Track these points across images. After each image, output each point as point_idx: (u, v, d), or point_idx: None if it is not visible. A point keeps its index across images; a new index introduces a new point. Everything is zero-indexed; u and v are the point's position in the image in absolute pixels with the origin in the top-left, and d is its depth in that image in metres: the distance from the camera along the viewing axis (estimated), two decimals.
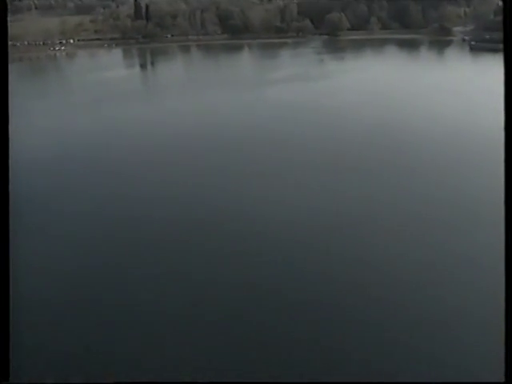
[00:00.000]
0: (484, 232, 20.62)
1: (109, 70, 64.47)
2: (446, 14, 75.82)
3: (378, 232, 21.51)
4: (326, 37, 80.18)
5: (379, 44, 73.32)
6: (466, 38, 69.76)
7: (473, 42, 68.00)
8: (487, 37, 66.74)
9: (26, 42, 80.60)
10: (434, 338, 15.58)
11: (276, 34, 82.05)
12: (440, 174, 27.03)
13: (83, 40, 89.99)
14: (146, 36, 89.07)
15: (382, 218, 22.75)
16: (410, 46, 73.59)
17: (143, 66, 75.11)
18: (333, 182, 26.65)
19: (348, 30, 79.54)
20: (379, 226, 22.05)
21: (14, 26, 68.90)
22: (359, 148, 31.70)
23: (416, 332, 15.70)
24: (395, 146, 31.72)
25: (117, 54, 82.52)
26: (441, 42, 70.79)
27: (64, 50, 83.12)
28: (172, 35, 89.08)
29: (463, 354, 15.02)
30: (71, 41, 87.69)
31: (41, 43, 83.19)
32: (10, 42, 7.71)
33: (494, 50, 62.20)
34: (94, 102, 45.94)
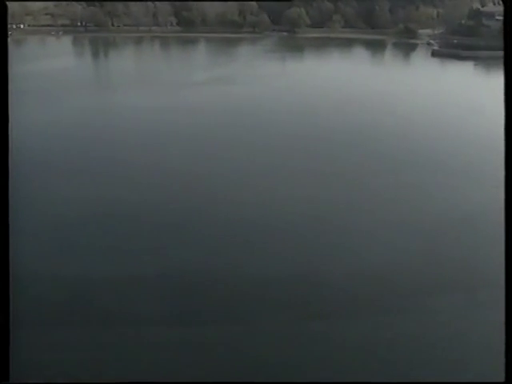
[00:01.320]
0: None
1: (39, 61, 60.54)
2: (416, 14, 71.66)
3: None
4: (283, 34, 76.82)
5: (336, 44, 70.37)
6: (432, 41, 66.05)
7: (435, 47, 64.05)
8: (454, 41, 63.15)
9: None
10: None
11: (230, 28, 78.45)
12: None
13: (33, 26, 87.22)
14: (97, 24, 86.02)
15: None
16: (367, 47, 69.37)
17: (82, 58, 72.24)
18: None
19: (309, 27, 75.76)
20: None
21: None
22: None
23: None
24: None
25: (60, 42, 79.94)
26: (403, 45, 67.40)
27: (11, 35, 79.76)
28: (124, 25, 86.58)
29: None
30: (21, 26, 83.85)
31: None
32: None
33: (458, 57, 58.96)
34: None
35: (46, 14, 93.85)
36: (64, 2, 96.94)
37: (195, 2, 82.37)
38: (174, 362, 15.76)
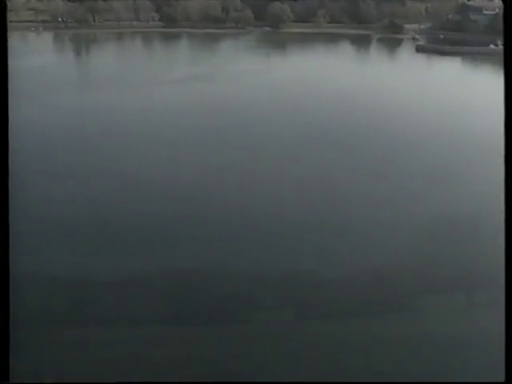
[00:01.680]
0: None
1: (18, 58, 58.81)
2: (403, 9, 70.32)
3: None
4: (267, 29, 75.67)
5: (320, 39, 69.51)
6: (417, 36, 64.77)
7: (420, 43, 62.89)
8: (441, 37, 62.25)
9: None
10: None
11: (213, 23, 77.18)
12: None
13: (14, 21, 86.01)
14: (77, 20, 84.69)
15: None
16: (351, 43, 68.76)
17: (60, 55, 71.16)
18: None
19: (293, 22, 74.51)
20: None
21: None
22: None
23: None
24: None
25: (40, 39, 78.73)
26: (388, 40, 66.59)
27: None
28: (105, 21, 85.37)
29: None
30: None
31: None
32: None
33: (444, 53, 57.94)
34: None
35: (29, 10, 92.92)
36: None
37: None
38: None
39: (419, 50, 62.45)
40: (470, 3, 61.65)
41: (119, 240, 22.68)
